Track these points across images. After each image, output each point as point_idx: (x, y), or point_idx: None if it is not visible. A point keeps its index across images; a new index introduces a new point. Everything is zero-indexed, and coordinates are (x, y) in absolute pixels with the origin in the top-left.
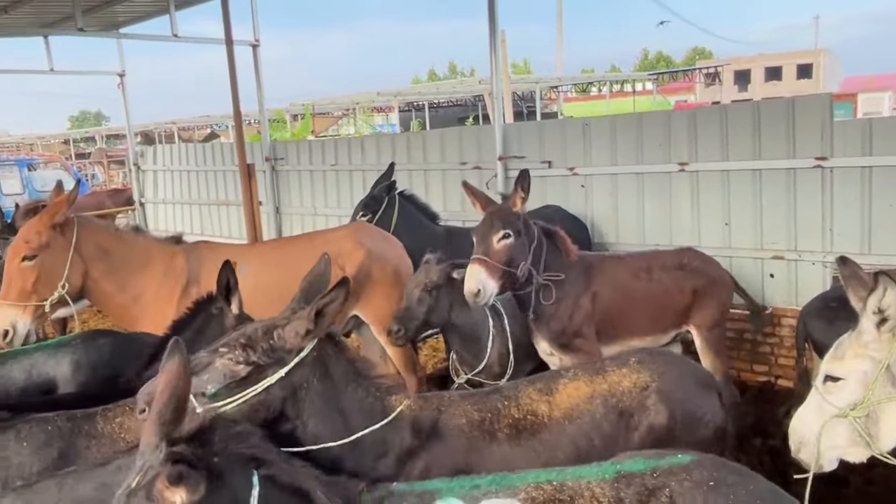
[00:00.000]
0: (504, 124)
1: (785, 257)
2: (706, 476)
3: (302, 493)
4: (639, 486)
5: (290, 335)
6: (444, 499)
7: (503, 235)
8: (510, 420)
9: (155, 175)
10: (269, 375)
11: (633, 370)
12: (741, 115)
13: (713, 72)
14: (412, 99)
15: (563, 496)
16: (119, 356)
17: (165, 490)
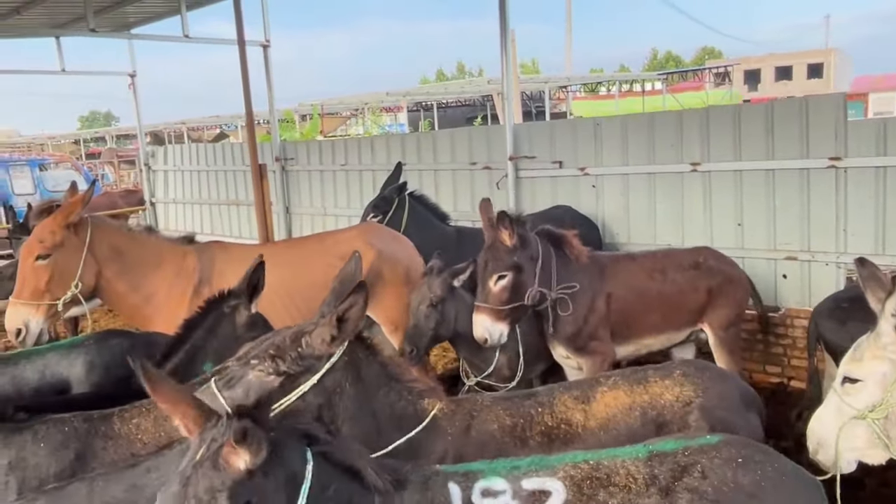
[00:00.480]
0: (514, 124)
1: (798, 258)
2: (735, 454)
3: (353, 471)
4: (671, 463)
5: (317, 342)
6: (487, 478)
7: (498, 278)
8: (543, 427)
9: (166, 175)
10: (302, 383)
11: (677, 383)
12: (754, 115)
13: (723, 71)
14: (421, 99)
15: (600, 474)
16: (133, 355)
17: (231, 454)
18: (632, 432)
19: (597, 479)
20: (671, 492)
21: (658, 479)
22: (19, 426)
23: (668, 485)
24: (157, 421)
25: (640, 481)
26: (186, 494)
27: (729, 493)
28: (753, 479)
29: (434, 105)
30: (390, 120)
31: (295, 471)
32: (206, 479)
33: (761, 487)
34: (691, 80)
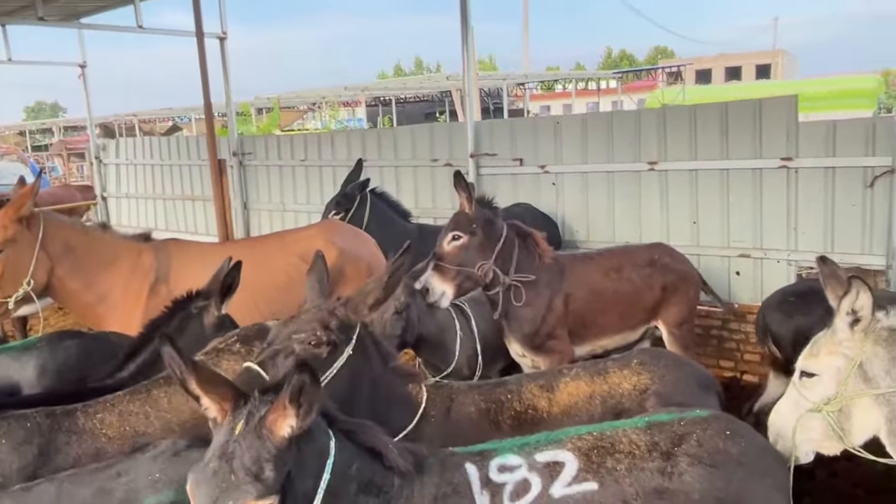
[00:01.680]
0: (475, 121)
1: (751, 255)
2: (723, 426)
3: (374, 452)
4: (669, 432)
5: (358, 308)
6: (501, 455)
7: (452, 237)
8: (513, 412)
9: (118, 169)
10: (340, 355)
11: (634, 372)
12: (709, 116)
13: (675, 71)
14: (379, 94)
15: (605, 443)
16: (86, 358)
17: (278, 419)
18: (591, 420)
19: (602, 447)
20: (672, 456)
21: (659, 445)
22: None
23: (668, 450)
24: (121, 415)
25: (643, 447)
26: (232, 468)
27: (722, 460)
28: (740, 449)
29: (393, 100)
30: (348, 114)
31: (321, 446)
32: (252, 450)
33: (746, 458)
34: (645, 79)
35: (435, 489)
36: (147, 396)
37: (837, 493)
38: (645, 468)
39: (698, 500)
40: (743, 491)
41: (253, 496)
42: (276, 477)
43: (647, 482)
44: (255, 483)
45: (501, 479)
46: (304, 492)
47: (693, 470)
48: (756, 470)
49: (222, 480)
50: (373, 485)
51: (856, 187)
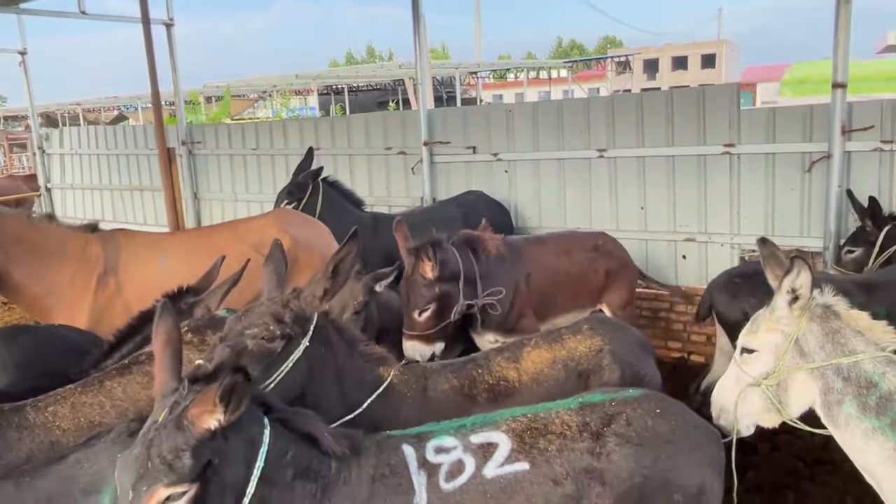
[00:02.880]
0: (428, 110)
1: (696, 239)
2: (654, 405)
3: (311, 438)
4: (600, 412)
5: (308, 300)
6: (438, 437)
7: (421, 311)
8: (486, 386)
9: (62, 159)
10: (296, 348)
11: (587, 336)
12: (655, 104)
13: (624, 60)
14: (331, 82)
15: (538, 424)
16: (42, 351)
17: (203, 414)
18: (559, 382)
19: (535, 429)
20: (601, 436)
21: (589, 426)
22: None
23: (598, 430)
24: (74, 407)
25: (574, 428)
26: (150, 455)
27: (650, 438)
28: (669, 427)
29: (345, 88)
30: (300, 103)
31: (253, 435)
32: (171, 440)
33: (675, 435)
34: (595, 69)
35: (373, 470)
36: (100, 387)
37: (779, 465)
38: (575, 448)
39: (626, 479)
40: (671, 468)
41: (164, 483)
42: (192, 466)
43: (577, 462)
44: (168, 471)
45: (438, 460)
46: (233, 481)
47: (620, 450)
48: (685, 446)
49: (140, 466)
50: (310, 470)
51: (795, 172)
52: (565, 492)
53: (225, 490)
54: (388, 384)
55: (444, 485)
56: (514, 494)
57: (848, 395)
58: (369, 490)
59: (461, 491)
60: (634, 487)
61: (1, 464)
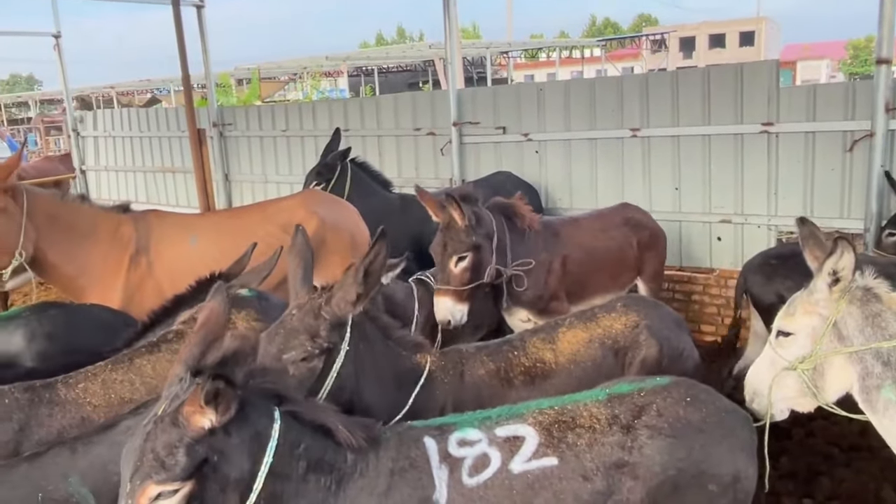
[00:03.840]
0: (458, 90)
1: (732, 221)
2: (684, 394)
3: (324, 429)
4: (629, 403)
5: (341, 305)
6: (462, 429)
7: (458, 259)
8: (522, 368)
9: (96, 141)
10: (337, 356)
11: (622, 313)
12: (691, 82)
13: (659, 38)
14: (361, 63)
15: (566, 417)
16: (72, 326)
17: (195, 413)
18: (596, 362)
19: (563, 422)
20: (632, 429)
21: (619, 419)
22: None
23: (628, 423)
24: (104, 384)
25: (603, 421)
26: (145, 449)
27: (682, 428)
28: (701, 416)
29: (375, 70)
30: (330, 85)
31: (259, 429)
32: (165, 435)
33: (707, 423)
34: (629, 47)
35: (391, 463)
36: (130, 365)
37: (814, 451)
38: (605, 442)
39: (659, 473)
40: (706, 457)
41: (154, 481)
42: (185, 464)
43: (608, 456)
44: (159, 469)
45: (461, 454)
46: (237, 476)
47: (653, 442)
48: (718, 434)
49: (137, 459)
50: (324, 462)
51: (835, 152)
52: (595, 488)
53: (227, 486)
54: (428, 371)
55: (468, 480)
56: (542, 491)
57: (888, 380)
58: (387, 483)
59: (485, 486)
60: (668, 480)
61: (32, 440)
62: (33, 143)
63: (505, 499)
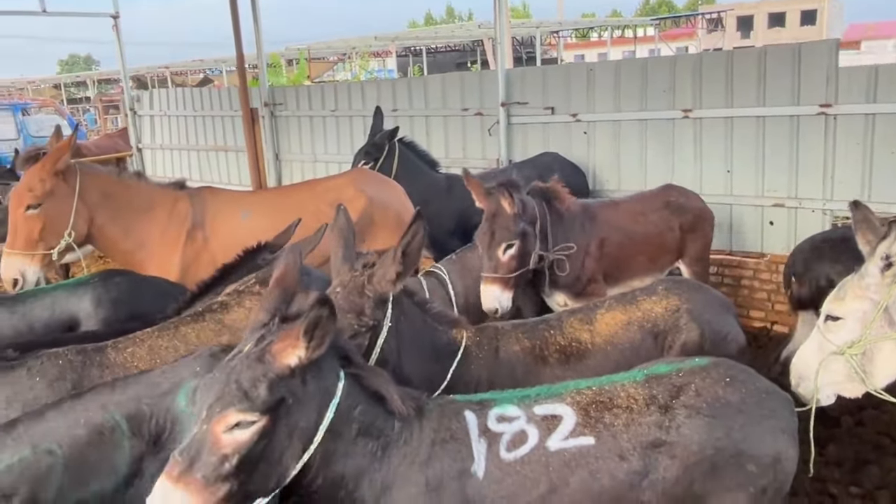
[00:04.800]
0: (507, 70)
1: (785, 205)
2: (723, 374)
3: (379, 395)
4: (667, 384)
5: (382, 283)
6: (501, 406)
7: (506, 247)
8: (557, 347)
9: (152, 120)
10: (381, 331)
11: (663, 296)
12: (746, 61)
13: (716, 17)
14: (410, 43)
15: (603, 398)
16: (136, 293)
17: (286, 349)
18: (633, 345)
19: (601, 402)
20: (670, 409)
21: (657, 399)
22: (11, 364)
23: (666, 403)
24: (151, 349)
25: (641, 401)
26: (230, 381)
27: (721, 408)
28: (740, 396)
29: (423, 50)
30: (378, 65)
31: (328, 385)
32: (251, 370)
33: (746, 404)
34: (684, 27)
35: (433, 434)
36: (175, 332)
37: (863, 440)
38: (642, 422)
39: (697, 452)
40: (745, 438)
41: (236, 407)
42: (266, 398)
43: (645, 436)
44: (242, 398)
45: (499, 429)
46: (304, 426)
47: (691, 422)
48: (758, 414)
49: (219, 389)
50: (374, 427)
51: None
52: (632, 467)
53: (294, 432)
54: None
55: (505, 454)
56: (578, 469)
57: None
58: (428, 453)
59: (522, 462)
60: (705, 459)
61: None
62: (92, 121)
63: (541, 475)
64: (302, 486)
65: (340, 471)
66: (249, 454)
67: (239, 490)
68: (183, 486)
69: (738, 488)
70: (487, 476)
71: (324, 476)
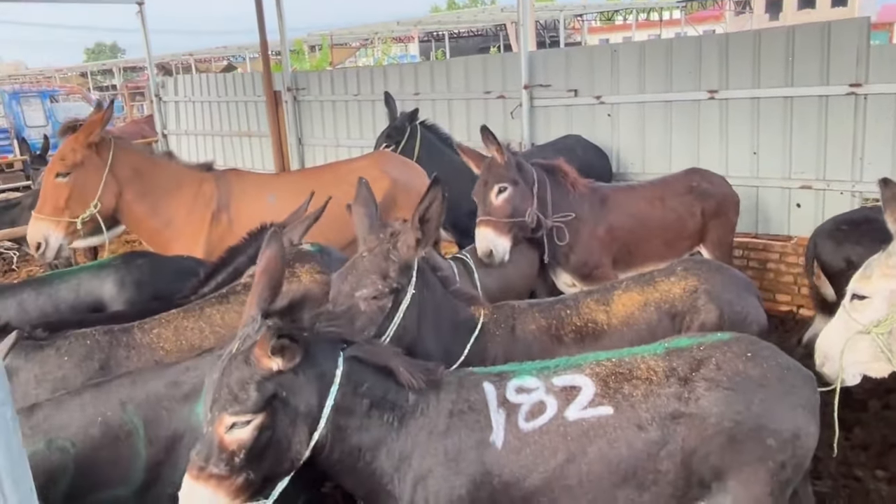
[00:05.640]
0: (530, 52)
1: (813, 187)
2: (744, 349)
3: (386, 370)
4: (688, 357)
5: (404, 249)
6: (519, 377)
7: (499, 190)
8: (573, 327)
9: (177, 106)
10: (403, 297)
11: (681, 277)
12: (774, 41)
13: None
14: (432, 28)
15: (622, 369)
16: (159, 274)
17: (263, 357)
18: (650, 325)
19: (620, 373)
20: (689, 381)
21: (677, 371)
22: (40, 343)
23: (686, 375)
24: (177, 330)
25: (660, 373)
26: (222, 383)
27: (741, 382)
28: (761, 371)
29: (446, 35)
30: (401, 50)
31: (325, 370)
32: (238, 372)
33: (767, 379)
34: (711, 9)
35: (451, 405)
36: (201, 313)
37: (891, 423)
38: (661, 394)
39: (715, 424)
40: (765, 412)
41: (228, 412)
42: (256, 399)
43: (664, 407)
44: (233, 402)
45: (518, 400)
46: (306, 409)
47: (710, 394)
48: (778, 390)
49: (216, 392)
50: (386, 401)
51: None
52: (650, 437)
53: (296, 418)
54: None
55: (524, 424)
56: (596, 438)
57: None
58: (446, 424)
59: (541, 431)
60: (723, 432)
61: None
62: (119, 108)
63: (559, 444)
64: (319, 461)
65: (357, 443)
66: (255, 447)
67: (256, 476)
68: (204, 481)
69: (756, 462)
70: (506, 446)
71: (340, 450)
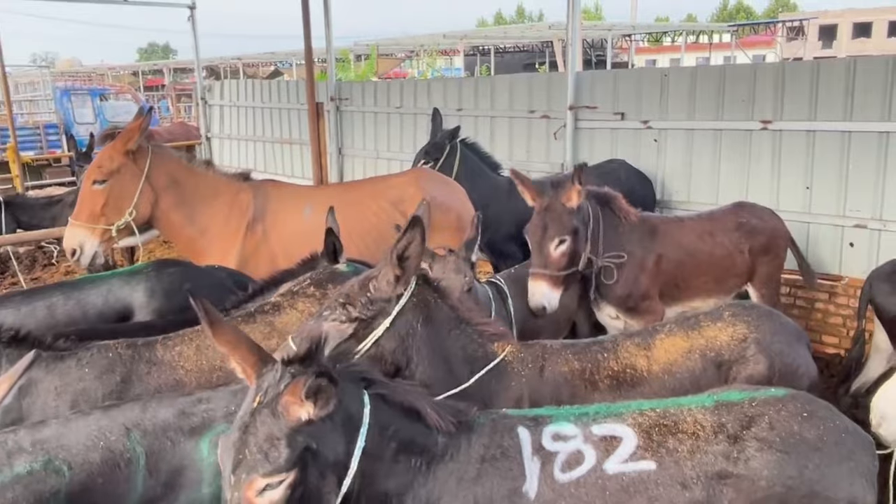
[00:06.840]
0: (577, 72)
1: (868, 226)
2: (800, 408)
3: (413, 411)
4: (738, 413)
5: (383, 284)
6: (556, 423)
7: (559, 242)
8: (610, 372)
9: (221, 110)
10: (376, 328)
11: (729, 323)
12: (833, 73)
13: (797, 25)
14: (478, 42)
15: (667, 421)
16: (189, 284)
17: (293, 405)
18: (694, 374)
19: (664, 426)
20: (739, 439)
21: (726, 427)
22: (61, 354)
23: (736, 433)
24: (199, 349)
25: (708, 428)
26: (247, 441)
27: (795, 444)
28: (818, 433)
29: (491, 50)
30: (445, 63)
31: (352, 413)
32: (265, 427)
33: (824, 442)
34: (763, 34)
35: (483, 450)
36: None
37: None
38: (709, 451)
39: (765, 488)
40: (820, 478)
41: (260, 474)
42: (288, 455)
43: (710, 466)
44: (264, 462)
45: (554, 448)
46: (335, 459)
47: (762, 455)
48: (835, 454)
49: (239, 453)
50: (414, 444)
51: None
52: (693, 497)
53: (326, 469)
54: (502, 361)
55: (560, 475)
56: (636, 495)
57: None
58: (477, 470)
59: (577, 484)
60: (774, 497)
61: (132, 393)
62: (166, 109)
63: (597, 499)
64: None
65: (383, 489)
66: None
67: None
68: None
69: None
70: (539, 497)
71: (367, 496)
